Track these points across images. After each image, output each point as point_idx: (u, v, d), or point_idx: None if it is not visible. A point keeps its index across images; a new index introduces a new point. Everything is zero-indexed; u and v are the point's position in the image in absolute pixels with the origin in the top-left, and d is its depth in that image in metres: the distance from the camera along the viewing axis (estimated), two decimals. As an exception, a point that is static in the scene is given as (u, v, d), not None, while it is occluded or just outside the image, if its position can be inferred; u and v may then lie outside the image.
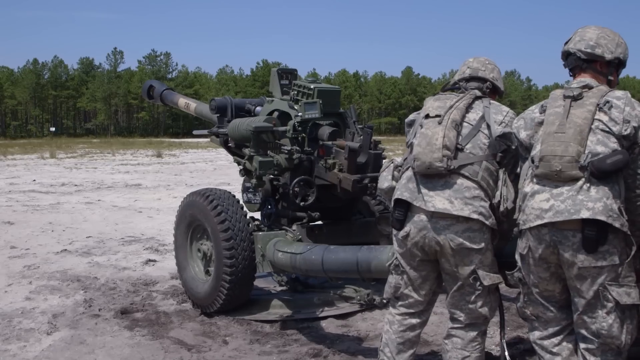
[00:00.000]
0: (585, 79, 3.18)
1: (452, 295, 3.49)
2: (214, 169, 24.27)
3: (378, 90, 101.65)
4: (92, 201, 14.00)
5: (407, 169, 3.50)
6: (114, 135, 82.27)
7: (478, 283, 3.35)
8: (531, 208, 3.02)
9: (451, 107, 3.43)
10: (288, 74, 6.49)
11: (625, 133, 2.91)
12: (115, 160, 29.54)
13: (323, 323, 5.44)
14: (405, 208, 3.41)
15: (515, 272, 3.26)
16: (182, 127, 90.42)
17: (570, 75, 3.32)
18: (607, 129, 2.92)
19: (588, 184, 2.87)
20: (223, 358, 4.64)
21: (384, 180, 3.69)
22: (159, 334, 5.14)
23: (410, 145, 3.53)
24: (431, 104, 3.53)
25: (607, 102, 2.97)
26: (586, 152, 2.89)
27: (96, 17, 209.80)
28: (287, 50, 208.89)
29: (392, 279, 3.60)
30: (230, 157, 6.70)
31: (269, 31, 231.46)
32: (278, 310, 5.66)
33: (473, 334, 3.47)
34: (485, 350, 3.62)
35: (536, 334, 3.25)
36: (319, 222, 5.92)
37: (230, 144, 6.47)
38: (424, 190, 3.34)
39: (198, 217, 5.66)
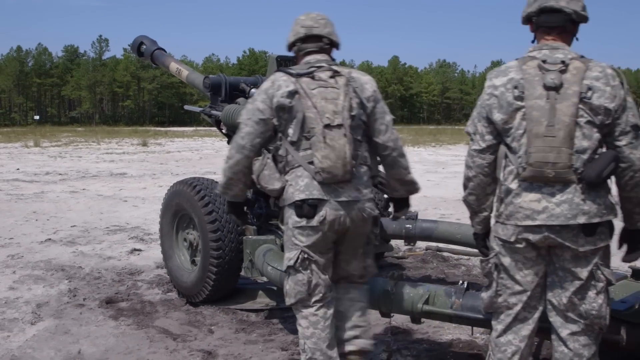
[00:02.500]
0: (557, 43, 3.04)
1: (354, 255, 3.74)
2: (199, 158, 24.17)
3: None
4: (76, 190, 13.92)
5: (297, 166, 3.49)
6: (99, 123, 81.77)
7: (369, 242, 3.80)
8: (518, 207, 2.97)
9: (342, 109, 3.45)
10: (288, 62, 6.39)
11: (607, 122, 2.89)
12: (100, 149, 29.35)
13: (309, 312, 5.43)
14: (316, 203, 3.45)
15: (491, 259, 3.19)
16: (167, 115, 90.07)
17: (534, 32, 3.12)
18: (591, 120, 2.89)
19: (582, 186, 2.87)
20: (209, 347, 4.64)
21: (273, 180, 3.55)
22: (144, 323, 5.13)
23: (297, 142, 3.47)
24: (321, 105, 3.43)
25: (589, 88, 2.89)
26: (574, 149, 2.86)
27: (81, 4, 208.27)
28: (274, 39, 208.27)
29: (300, 277, 3.52)
30: (216, 146, 6.68)
31: (256, 20, 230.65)
32: (264, 299, 5.66)
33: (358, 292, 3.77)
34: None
35: (499, 328, 3.15)
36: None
37: (222, 129, 6.41)
38: (333, 186, 3.45)
39: (184, 206, 5.63)
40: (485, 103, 3.08)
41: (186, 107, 7.35)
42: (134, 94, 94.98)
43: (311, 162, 3.43)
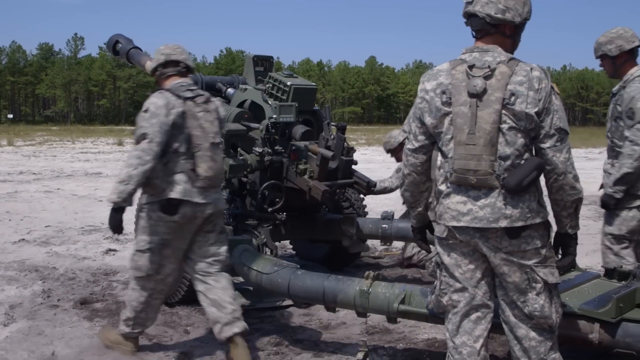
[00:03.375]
0: (488, 46, 3.04)
1: (207, 242, 4.35)
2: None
3: (342, 79, 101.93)
4: (51, 190, 13.78)
5: (179, 172, 4.15)
6: (74, 122, 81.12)
7: (219, 231, 4.42)
8: (446, 207, 3.02)
9: (218, 129, 4.34)
10: (264, 62, 6.37)
11: (530, 127, 2.91)
12: (75, 149, 29.11)
13: (285, 312, 5.44)
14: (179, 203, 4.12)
15: (434, 258, 3.22)
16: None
17: (474, 36, 3.13)
18: (514, 125, 2.89)
19: (505, 191, 2.90)
20: (184, 348, 4.62)
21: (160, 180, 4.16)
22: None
23: (183, 153, 4.14)
24: (206, 126, 4.22)
25: (512, 94, 2.88)
26: (496, 156, 2.88)
27: (57, 1, 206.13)
28: (251, 39, 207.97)
29: (152, 256, 4.21)
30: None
31: (233, 19, 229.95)
32: (240, 299, 5.63)
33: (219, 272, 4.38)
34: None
35: (450, 328, 3.16)
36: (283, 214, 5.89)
37: None
38: (194, 190, 4.15)
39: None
40: (418, 106, 3.12)
41: None
42: (110, 93, 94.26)
43: (192, 170, 4.13)
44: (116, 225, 4.18)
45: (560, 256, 3.23)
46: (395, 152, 6.62)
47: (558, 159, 2.94)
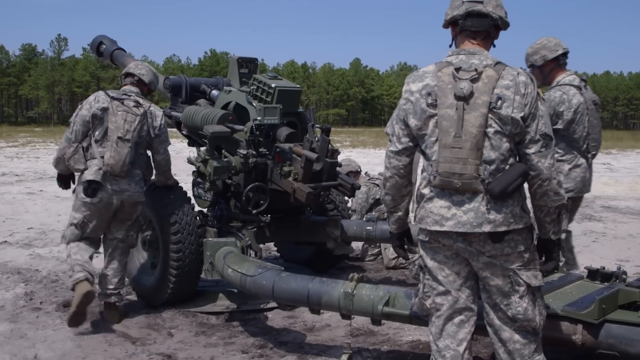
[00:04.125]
0: (476, 48, 3.05)
1: (122, 226, 5.32)
2: (160, 159, 23.89)
3: (326, 81, 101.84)
4: (33, 191, 13.68)
5: (94, 158, 5.09)
6: (57, 124, 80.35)
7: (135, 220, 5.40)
8: (429, 211, 3.01)
9: (133, 129, 5.10)
10: (248, 63, 6.36)
11: (515, 132, 2.91)
12: (58, 150, 28.83)
13: (269, 314, 5.43)
14: (97, 187, 5.04)
15: (416, 261, 3.21)
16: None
17: (456, 35, 3.12)
18: (500, 130, 2.90)
19: (489, 196, 2.90)
20: (168, 350, 4.60)
21: (80, 163, 5.12)
22: (102, 326, 5.06)
23: (99, 141, 5.12)
24: (118, 123, 5.05)
25: (499, 98, 2.89)
26: (481, 160, 2.89)
27: (40, 2, 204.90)
28: (236, 40, 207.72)
29: (75, 230, 5.23)
30: (177, 148, 6.64)
31: (218, 21, 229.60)
32: (224, 301, 5.63)
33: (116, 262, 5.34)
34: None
35: (433, 331, 3.15)
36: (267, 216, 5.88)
37: (182, 130, 6.38)
38: (113, 177, 5.06)
39: (144, 208, 5.57)
40: (403, 107, 3.11)
41: None
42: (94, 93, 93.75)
43: (102, 157, 5.01)
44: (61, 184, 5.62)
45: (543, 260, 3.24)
46: None
47: (543, 164, 2.94)
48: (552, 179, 2.97)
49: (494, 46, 3.15)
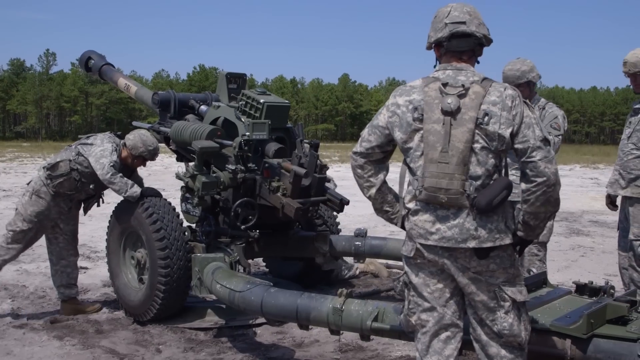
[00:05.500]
0: (462, 64, 3.08)
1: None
2: (148, 174, 23.83)
3: (315, 96, 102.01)
4: (21, 207, 13.53)
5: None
6: (45, 139, 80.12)
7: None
8: (414, 224, 3.03)
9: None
10: (237, 79, 6.38)
11: (501, 148, 2.93)
12: (46, 165, 28.67)
13: (258, 330, 5.42)
14: None
15: (401, 277, 3.22)
16: (116, 131, 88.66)
17: (438, 57, 3.15)
18: (486, 145, 2.92)
19: (474, 212, 2.91)
20: (156, 367, 4.57)
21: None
22: (89, 343, 5.03)
23: None
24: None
25: (486, 114, 2.91)
26: (467, 175, 2.90)
27: (28, 17, 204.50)
28: (225, 56, 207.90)
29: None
30: (165, 163, 6.63)
31: (207, 36, 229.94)
32: (213, 317, 5.61)
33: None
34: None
35: (419, 347, 3.14)
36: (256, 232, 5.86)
37: (171, 145, 6.39)
38: None
39: (132, 224, 5.56)
40: (389, 120, 3.13)
41: (134, 123, 7.27)
42: (82, 109, 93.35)
43: None
44: None
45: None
46: None
47: (550, 170, 2.91)
48: (557, 185, 2.95)
49: (478, 62, 3.18)
